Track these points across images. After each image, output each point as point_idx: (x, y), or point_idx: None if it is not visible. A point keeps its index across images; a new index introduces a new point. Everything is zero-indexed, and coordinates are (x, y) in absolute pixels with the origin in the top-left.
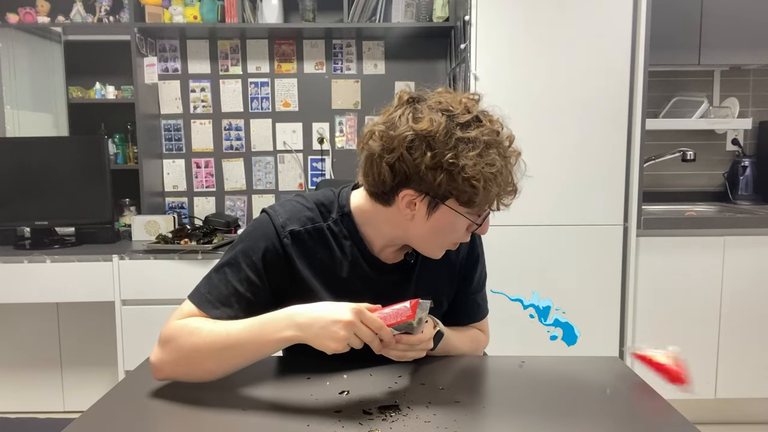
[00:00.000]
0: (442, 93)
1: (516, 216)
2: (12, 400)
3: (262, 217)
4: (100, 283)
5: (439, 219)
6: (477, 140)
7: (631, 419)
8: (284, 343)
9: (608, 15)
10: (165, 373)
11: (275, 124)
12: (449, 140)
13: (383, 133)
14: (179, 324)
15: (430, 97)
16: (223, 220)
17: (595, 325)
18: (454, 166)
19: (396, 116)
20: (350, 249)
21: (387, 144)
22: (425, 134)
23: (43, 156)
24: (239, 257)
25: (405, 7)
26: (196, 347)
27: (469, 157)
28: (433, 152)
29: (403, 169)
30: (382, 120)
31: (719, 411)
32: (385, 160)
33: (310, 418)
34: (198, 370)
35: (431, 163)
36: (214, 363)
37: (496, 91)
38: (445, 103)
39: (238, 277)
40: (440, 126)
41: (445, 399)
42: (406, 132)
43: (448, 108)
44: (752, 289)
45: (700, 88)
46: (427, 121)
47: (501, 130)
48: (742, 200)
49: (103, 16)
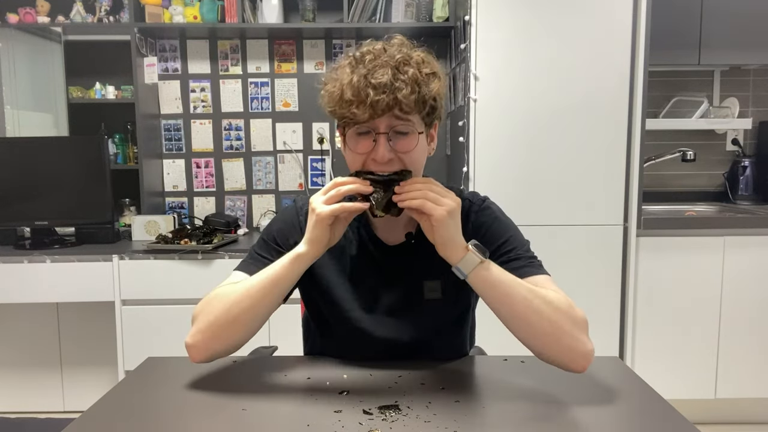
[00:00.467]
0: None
1: (516, 216)
2: (12, 400)
3: (288, 205)
4: (100, 283)
5: (345, 143)
6: (341, 62)
7: (631, 419)
8: (295, 259)
9: (608, 15)
10: (201, 351)
11: (275, 124)
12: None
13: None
14: (202, 301)
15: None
16: (223, 220)
17: (595, 325)
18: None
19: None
20: (358, 231)
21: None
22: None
23: (43, 156)
24: (264, 236)
25: (405, 7)
26: (223, 306)
27: (326, 76)
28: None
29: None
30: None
31: (719, 411)
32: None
33: (310, 418)
34: (230, 329)
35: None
36: (242, 312)
37: (496, 91)
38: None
39: (267, 248)
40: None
41: (445, 399)
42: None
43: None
44: (752, 289)
45: (700, 88)
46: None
47: (374, 48)
48: (742, 200)
49: (103, 16)
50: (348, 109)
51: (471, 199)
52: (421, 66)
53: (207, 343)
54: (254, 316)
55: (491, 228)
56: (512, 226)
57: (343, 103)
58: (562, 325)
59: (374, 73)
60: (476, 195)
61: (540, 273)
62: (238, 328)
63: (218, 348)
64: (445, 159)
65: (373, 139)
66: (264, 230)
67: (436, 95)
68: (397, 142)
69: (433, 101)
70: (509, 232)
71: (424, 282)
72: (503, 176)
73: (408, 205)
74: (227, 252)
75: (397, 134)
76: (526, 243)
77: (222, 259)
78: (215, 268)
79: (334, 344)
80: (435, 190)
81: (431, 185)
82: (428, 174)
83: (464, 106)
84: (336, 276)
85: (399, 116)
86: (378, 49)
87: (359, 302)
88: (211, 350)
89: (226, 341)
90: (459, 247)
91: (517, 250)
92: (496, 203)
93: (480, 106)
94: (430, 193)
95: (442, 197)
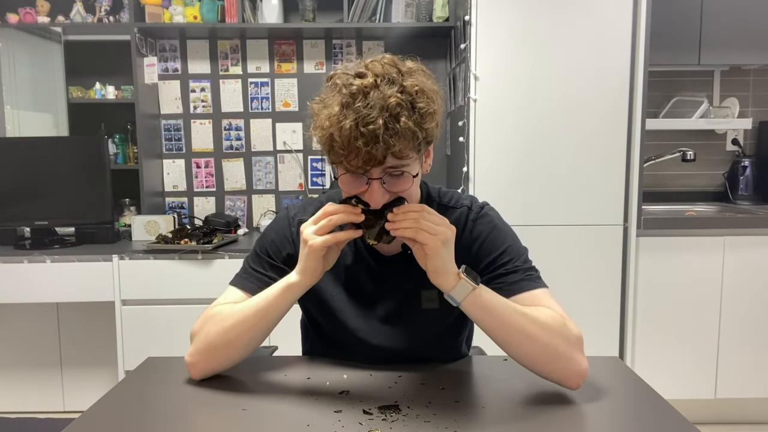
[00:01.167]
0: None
1: (516, 216)
2: (12, 400)
3: (280, 213)
4: (100, 283)
5: (340, 184)
6: (328, 93)
7: (631, 419)
8: (287, 288)
9: (608, 15)
10: (199, 367)
11: (275, 124)
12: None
13: None
14: (199, 319)
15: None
16: (223, 220)
17: (595, 325)
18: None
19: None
20: (355, 241)
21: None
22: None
23: (43, 156)
24: (257, 249)
25: (405, 7)
26: (219, 330)
27: (314, 108)
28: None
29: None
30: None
31: (719, 411)
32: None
33: (310, 418)
34: (225, 351)
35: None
36: (237, 336)
37: (496, 91)
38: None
39: (260, 261)
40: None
41: (445, 399)
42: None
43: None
44: (752, 289)
45: (700, 88)
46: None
47: (367, 81)
48: (742, 200)
49: (103, 16)
50: (338, 158)
51: (469, 206)
52: (416, 103)
53: (204, 363)
54: (250, 340)
55: (489, 237)
56: (510, 235)
57: (334, 153)
58: (556, 347)
59: (365, 118)
60: (475, 201)
61: (537, 287)
62: (234, 350)
63: (216, 367)
64: (445, 159)
65: (366, 182)
66: (257, 241)
67: (433, 134)
68: (391, 184)
69: (431, 137)
70: (507, 241)
71: (421, 291)
72: (503, 176)
73: (401, 234)
74: (227, 252)
75: (390, 177)
76: (524, 252)
77: (222, 259)
78: (215, 268)
79: (332, 350)
80: (429, 218)
81: (425, 213)
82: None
83: (464, 106)
84: (332, 286)
85: (393, 165)
86: (369, 83)
87: (356, 312)
88: (209, 369)
89: (222, 360)
90: (451, 275)
91: (514, 261)
92: (494, 209)
93: (480, 106)
94: (424, 222)
95: (436, 225)
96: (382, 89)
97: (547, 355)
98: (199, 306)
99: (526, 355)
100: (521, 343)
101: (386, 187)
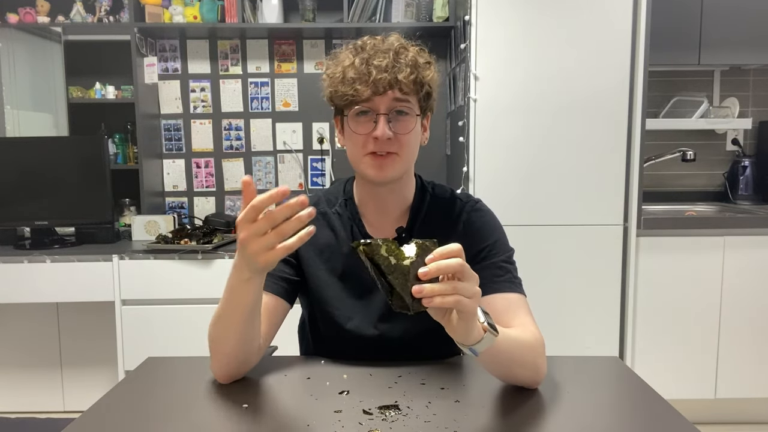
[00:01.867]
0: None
1: (516, 215)
2: (12, 400)
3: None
4: (100, 283)
5: (346, 130)
6: (341, 49)
7: (631, 419)
8: (243, 283)
9: (608, 15)
10: (221, 377)
11: (275, 124)
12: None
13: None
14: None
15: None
16: (223, 220)
17: (595, 325)
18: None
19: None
20: (351, 229)
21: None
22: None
23: (43, 156)
24: None
25: (405, 7)
26: (213, 339)
27: (327, 63)
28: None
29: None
30: None
31: (719, 411)
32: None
33: (310, 418)
34: (221, 355)
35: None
36: (221, 338)
37: (496, 91)
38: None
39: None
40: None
41: (445, 399)
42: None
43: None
44: (752, 289)
45: (700, 88)
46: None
47: (375, 39)
48: (742, 200)
49: (103, 16)
50: (351, 86)
51: (463, 199)
52: (418, 55)
53: (217, 368)
54: (244, 341)
55: (480, 229)
56: (500, 231)
57: (346, 82)
58: (535, 362)
59: (375, 57)
60: (469, 196)
61: (516, 291)
62: (235, 355)
63: (228, 371)
64: (445, 159)
65: (374, 120)
66: None
67: (431, 82)
68: (396, 123)
69: (429, 87)
70: (496, 235)
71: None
72: (503, 176)
73: (441, 305)
74: (227, 252)
75: (396, 115)
76: (511, 251)
77: (222, 259)
78: (215, 268)
79: (326, 345)
80: (465, 274)
81: (459, 268)
82: (428, 174)
83: (464, 106)
84: (327, 275)
85: (399, 97)
86: (378, 39)
87: (349, 301)
88: (226, 373)
89: (231, 363)
90: (477, 331)
91: (500, 256)
92: (488, 206)
93: (480, 106)
94: (461, 285)
95: (471, 284)
96: (388, 41)
97: (526, 373)
98: (199, 306)
99: (510, 376)
100: (509, 368)
101: (391, 126)
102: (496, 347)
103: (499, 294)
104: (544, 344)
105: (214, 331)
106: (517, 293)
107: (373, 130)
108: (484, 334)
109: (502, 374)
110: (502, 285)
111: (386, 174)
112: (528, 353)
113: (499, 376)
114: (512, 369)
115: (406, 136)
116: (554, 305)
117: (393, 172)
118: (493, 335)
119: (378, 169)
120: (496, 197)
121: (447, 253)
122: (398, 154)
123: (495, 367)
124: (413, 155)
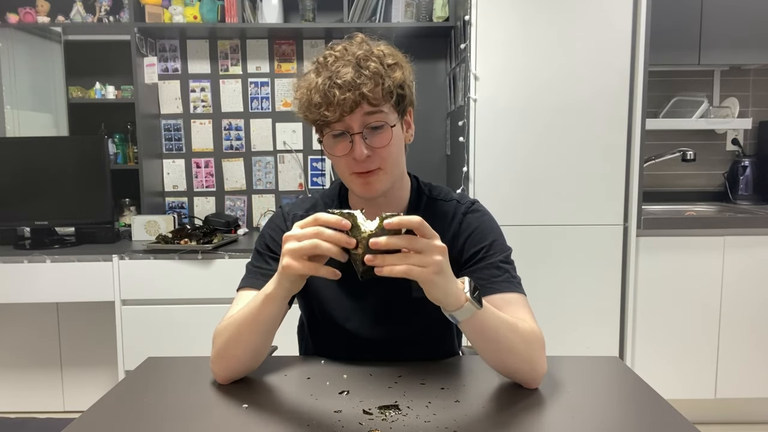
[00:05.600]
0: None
1: (516, 215)
2: (12, 400)
3: (275, 212)
4: (100, 283)
5: (325, 152)
6: (307, 68)
7: (631, 419)
8: (267, 300)
9: (608, 15)
10: (219, 377)
11: (275, 124)
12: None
13: None
14: (217, 326)
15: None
16: (223, 220)
17: (595, 325)
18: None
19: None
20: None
21: None
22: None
23: (43, 156)
24: (258, 248)
25: (405, 7)
26: (223, 342)
27: (296, 84)
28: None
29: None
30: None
31: (719, 411)
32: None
33: (310, 418)
34: (231, 359)
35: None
36: (238, 346)
37: (496, 91)
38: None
39: (262, 258)
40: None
41: (445, 399)
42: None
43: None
44: (752, 289)
45: (700, 88)
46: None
47: (337, 51)
48: (742, 200)
49: (103, 16)
50: (318, 112)
51: (459, 200)
52: (383, 58)
53: (221, 370)
54: (252, 350)
55: (477, 230)
56: (498, 231)
57: (312, 107)
58: (531, 355)
59: (338, 73)
60: (465, 196)
61: (516, 291)
62: (241, 358)
63: (232, 374)
64: (445, 159)
65: (350, 140)
66: (256, 242)
67: (402, 83)
68: (372, 138)
69: (400, 89)
70: (493, 236)
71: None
72: (503, 176)
73: (390, 273)
74: (227, 252)
75: (371, 131)
76: (509, 251)
77: (222, 259)
78: (215, 268)
79: (325, 346)
80: (417, 246)
81: (412, 241)
82: (428, 174)
83: (464, 106)
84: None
85: (370, 111)
86: (339, 50)
87: (348, 302)
88: (228, 376)
89: (237, 368)
90: (452, 298)
91: (498, 256)
92: (485, 207)
93: (480, 106)
94: (414, 256)
95: (426, 255)
96: (350, 50)
97: (521, 365)
98: (199, 306)
99: (501, 364)
100: (501, 354)
101: (368, 142)
102: (481, 321)
103: (498, 294)
104: (542, 341)
105: (228, 333)
106: (516, 293)
107: (351, 151)
108: (464, 303)
109: (495, 361)
110: (501, 285)
111: (374, 190)
112: (519, 341)
113: (494, 364)
114: (502, 355)
115: (386, 149)
116: (554, 305)
117: (380, 186)
118: (475, 307)
119: (365, 187)
120: (496, 197)
121: (401, 224)
122: (381, 168)
123: (484, 346)
124: (398, 164)
